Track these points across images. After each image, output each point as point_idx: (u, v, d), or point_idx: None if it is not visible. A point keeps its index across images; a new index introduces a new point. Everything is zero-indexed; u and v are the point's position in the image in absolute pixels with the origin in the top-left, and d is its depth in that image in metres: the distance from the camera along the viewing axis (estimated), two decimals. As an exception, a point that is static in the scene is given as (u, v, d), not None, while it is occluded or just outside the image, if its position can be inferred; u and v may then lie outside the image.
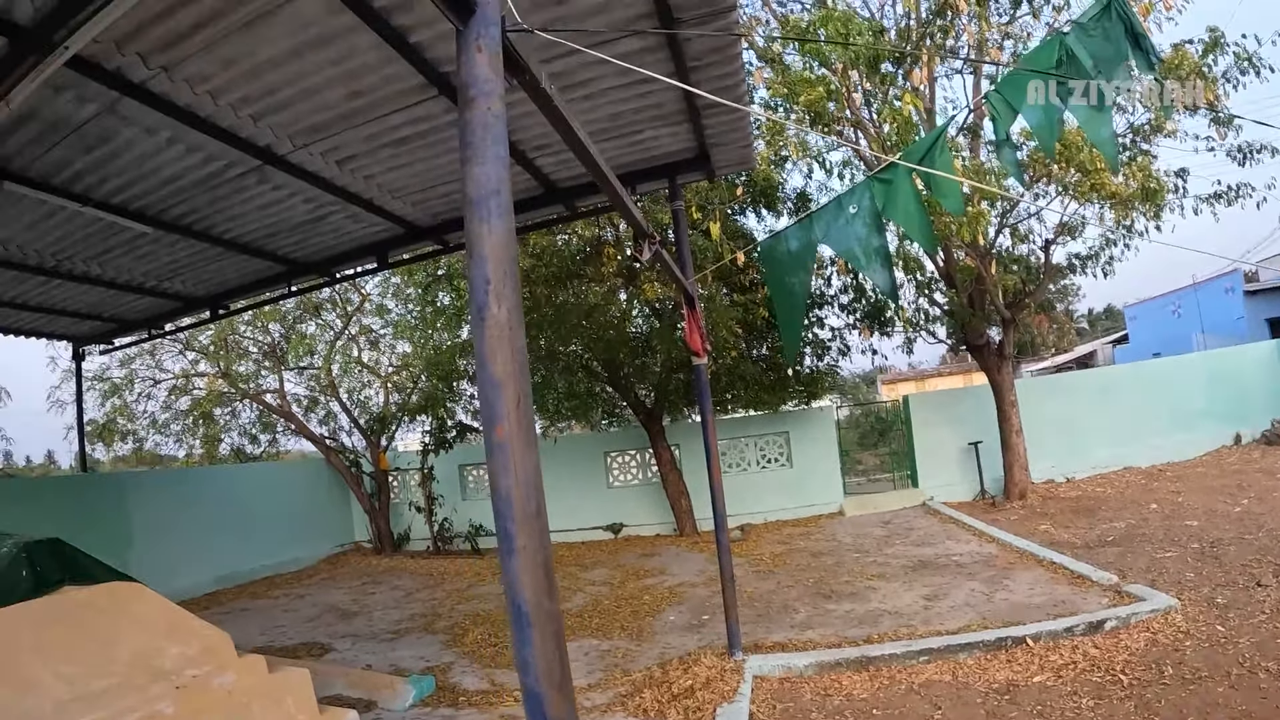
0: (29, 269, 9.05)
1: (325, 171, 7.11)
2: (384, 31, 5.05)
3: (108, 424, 16.27)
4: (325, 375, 16.52)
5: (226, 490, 14.87)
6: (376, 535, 16.20)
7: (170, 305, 11.19)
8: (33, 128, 5.94)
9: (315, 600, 11.96)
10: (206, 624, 4.70)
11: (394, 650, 8.63)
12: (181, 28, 4.97)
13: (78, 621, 4.03)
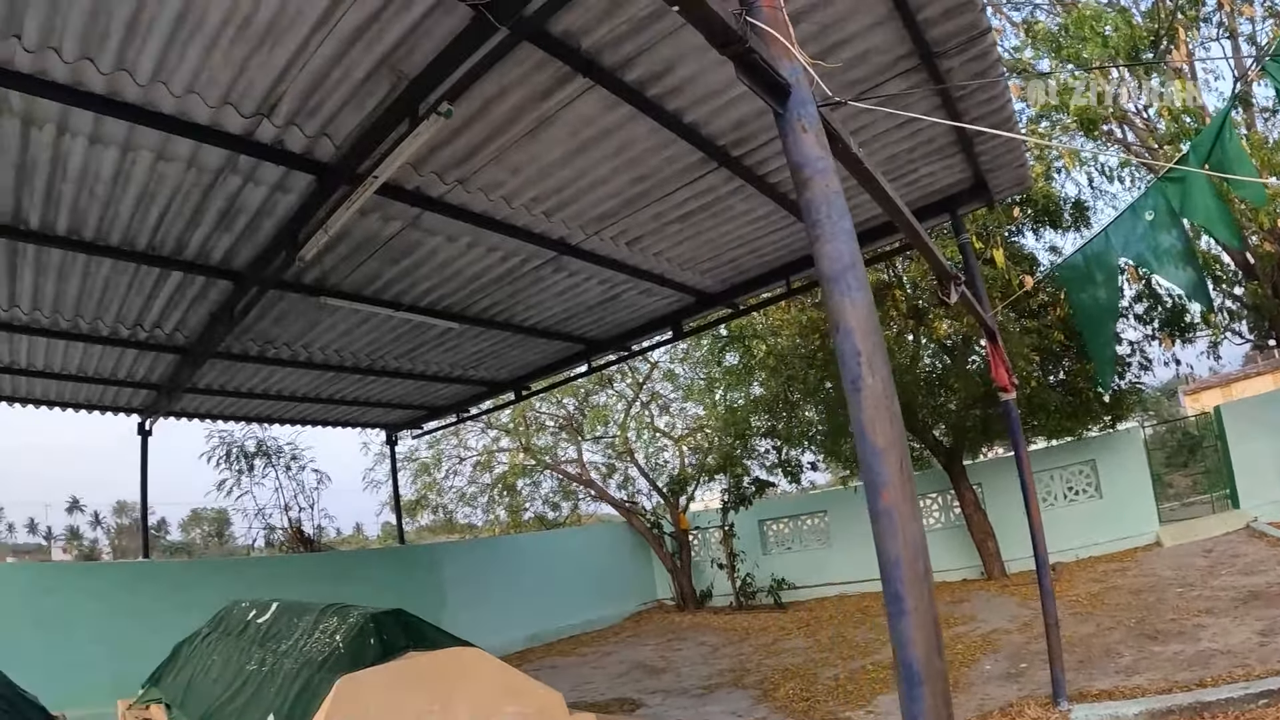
0: (346, 369, 10.31)
1: (616, 254, 7.57)
2: (660, 117, 5.37)
3: (419, 499, 18.01)
4: (622, 442, 17.27)
5: (532, 555, 15.79)
6: (679, 593, 16.53)
7: (475, 390, 12.31)
8: (344, 248, 6.83)
9: (622, 657, 12.30)
10: (540, 684, 4.96)
11: (704, 705, 8.68)
12: (471, 145, 5.58)
13: (421, 684, 4.40)
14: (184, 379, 9.85)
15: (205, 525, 69.44)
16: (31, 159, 5.47)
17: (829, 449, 14.23)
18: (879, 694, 7.92)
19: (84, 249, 6.66)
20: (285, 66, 4.66)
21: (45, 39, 4.30)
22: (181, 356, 9.30)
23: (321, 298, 7.73)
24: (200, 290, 7.76)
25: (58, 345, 8.98)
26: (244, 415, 13.18)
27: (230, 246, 6.85)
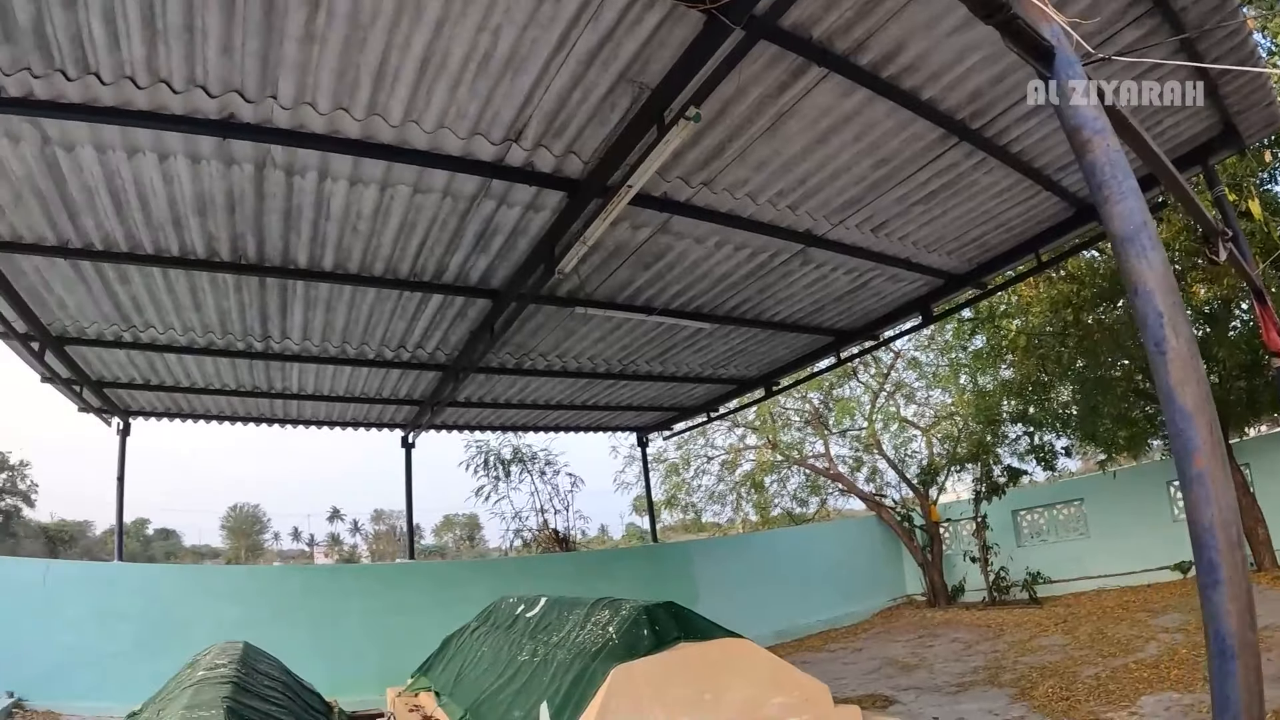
0: (599, 375, 10.77)
1: (863, 241, 7.50)
2: (896, 97, 5.29)
3: (670, 499, 18.42)
4: (869, 434, 16.93)
5: (782, 551, 15.78)
6: (930, 588, 16.07)
7: (725, 389, 12.47)
8: (596, 258, 7.15)
9: (872, 653, 12.13)
10: (806, 675, 5.00)
11: (959, 704, 8.46)
12: (714, 146, 5.70)
13: (692, 674, 4.53)
14: (445, 394, 10.57)
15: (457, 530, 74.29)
16: (296, 205, 6.14)
17: (1085, 431, 13.28)
18: (1143, 694, 7.48)
19: (350, 281, 7.37)
20: (529, 93, 4.96)
21: (300, 95, 4.83)
22: (443, 373, 10.04)
23: (576, 308, 8.12)
24: (460, 310, 8.36)
25: (326, 370, 9.95)
26: (500, 425, 14.00)
27: (487, 267, 7.35)
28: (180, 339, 8.85)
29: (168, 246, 6.74)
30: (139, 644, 10.19)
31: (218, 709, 3.93)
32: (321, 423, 12.78)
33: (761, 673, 4.81)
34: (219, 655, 6.13)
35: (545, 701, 4.53)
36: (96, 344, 8.82)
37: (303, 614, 11.29)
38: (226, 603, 11.09)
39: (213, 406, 11.76)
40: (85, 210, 6.16)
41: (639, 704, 4.27)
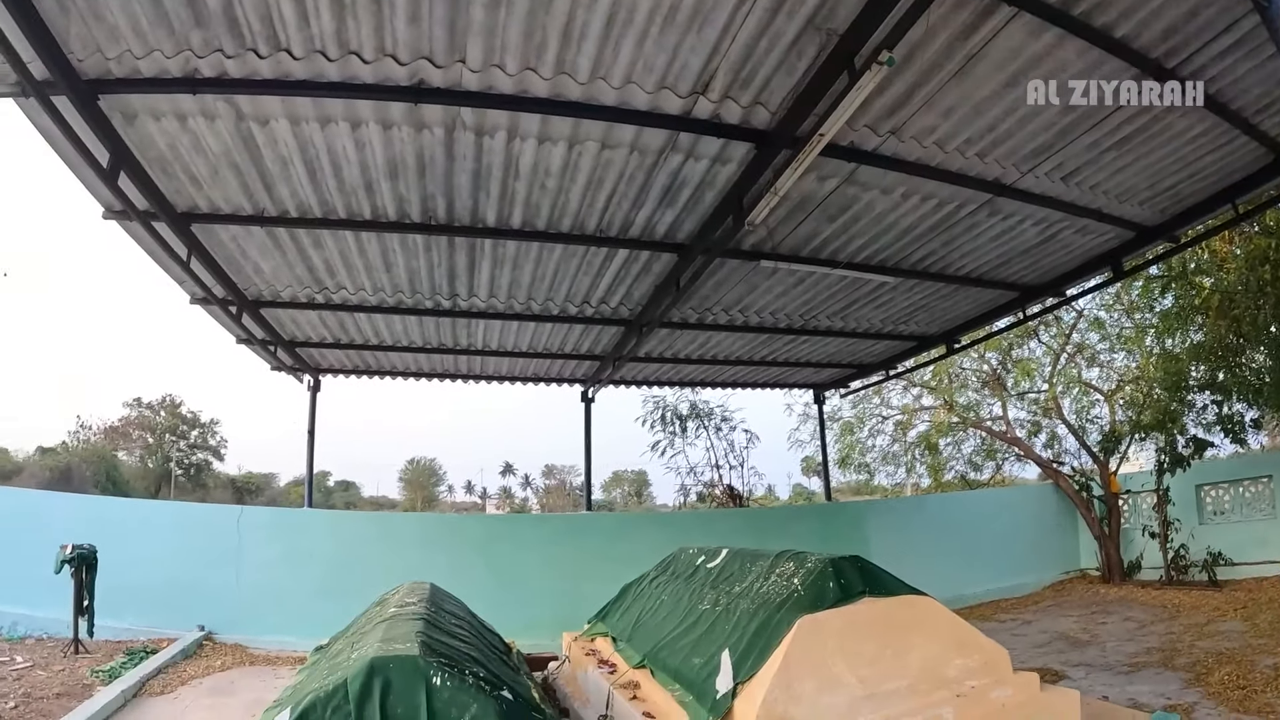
0: (779, 330, 10.68)
1: (1052, 190, 7.20)
2: (1088, 35, 5.08)
3: (844, 458, 18.17)
4: (1049, 398, 16.22)
5: (955, 515, 15.45)
6: (1105, 562, 15.29)
7: (905, 346, 12.21)
8: (782, 210, 7.07)
9: (1043, 626, 11.78)
10: (987, 639, 4.94)
11: (1130, 684, 8.19)
12: (901, 93, 5.57)
13: (876, 629, 4.54)
14: (626, 349, 10.76)
15: (625, 486, 75.47)
16: (485, 165, 6.35)
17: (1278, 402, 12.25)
18: None
19: (537, 238, 7.59)
20: (715, 44, 4.95)
21: (488, 58, 4.99)
22: (625, 328, 10.21)
23: (761, 261, 8.10)
24: (645, 265, 8.46)
25: (511, 326, 10.26)
26: (678, 381, 14.18)
27: (673, 220, 7.41)
28: (370, 299, 9.34)
29: (360, 210, 7.12)
30: (323, 585, 10.96)
31: (413, 642, 4.17)
32: (504, 378, 13.24)
33: (944, 633, 4.76)
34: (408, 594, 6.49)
35: (727, 649, 4.60)
36: (290, 306, 9.42)
37: (481, 560, 11.86)
38: (408, 547, 11.77)
39: (399, 363, 12.39)
40: (280, 180, 6.58)
41: (823, 655, 4.29)
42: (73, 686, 8.24)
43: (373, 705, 3.65)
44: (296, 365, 12.02)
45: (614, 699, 5.57)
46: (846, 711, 4.19)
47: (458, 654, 4.47)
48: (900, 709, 4.31)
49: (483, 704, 3.82)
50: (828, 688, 4.21)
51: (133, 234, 7.44)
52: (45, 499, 13.62)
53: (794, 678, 4.15)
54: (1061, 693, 4.96)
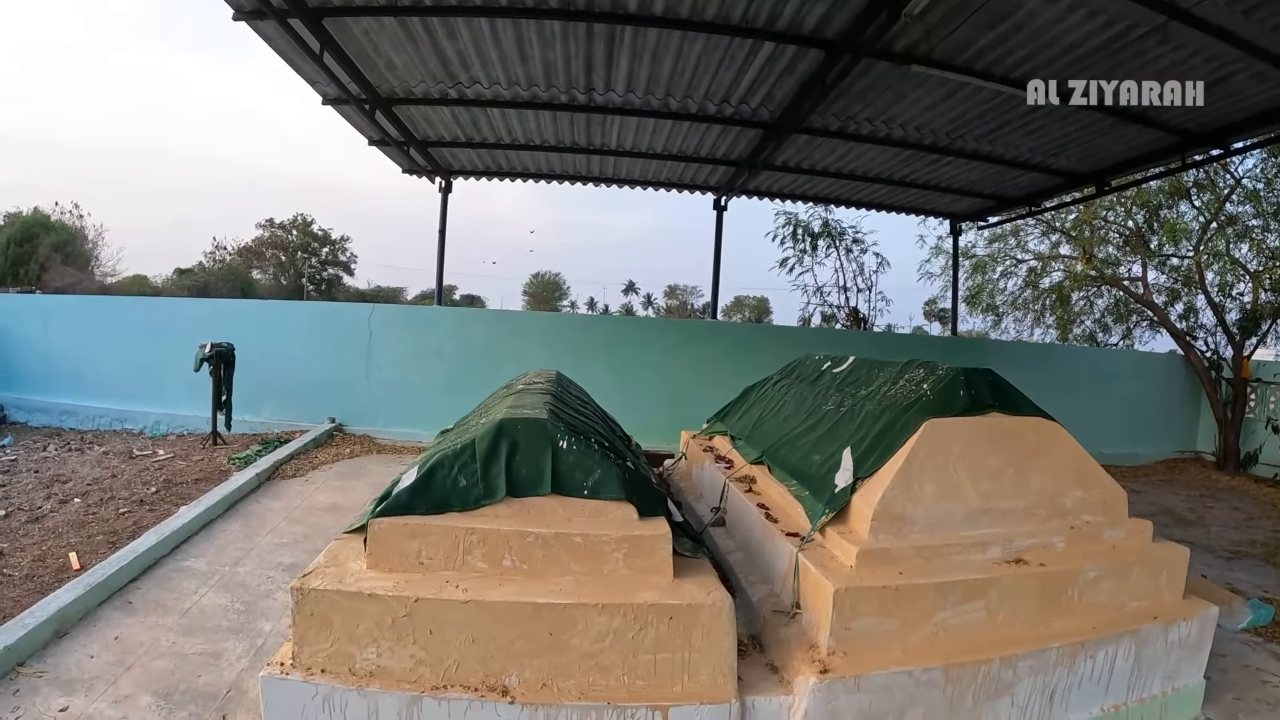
0: (924, 148, 10.13)
1: (1231, 24, 6.53)
2: None
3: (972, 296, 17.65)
4: (1194, 266, 15.32)
5: (1077, 370, 15.02)
6: (1222, 448, 14.82)
7: (1052, 181, 11.52)
8: (939, 10, 6.50)
9: (1151, 499, 11.60)
10: (1109, 477, 4.91)
11: (1230, 570, 8.11)
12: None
13: (1001, 444, 4.54)
14: (763, 155, 10.46)
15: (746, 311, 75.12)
16: None
17: None
18: None
19: (679, 26, 7.22)
20: None
21: None
22: (764, 131, 9.81)
23: (912, 66, 7.58)
24: (790, 62, 8.01)
25: (646, 124, 10.00)
26: (814, 195, 13.73)
27: (823, 14, 6.97)
28: (504, 93, 9.21)
29: (496, -3, 6.84)
30: (449, 380, 11.47)
31: (541, 409, 4.35)
32: (636, 181, 13.08)
33: (1068, 462, 4.72)
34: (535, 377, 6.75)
35: (849, 447, 4.66)
36: (422, 102, 9.38)
37: (604, 359, 12.17)
38: (534, 345, 12.12)
39: (530, 164, 12.33)
40: (412, -35, 6.26)
41: (946, 461, 4.31)
42: (210, 473, 8.95)
43: (499, 465, 3.84)
44: (429, 166, 12.15)
45: (729, 492, 5.75)
46: (962, 521, 4.24)
47: (585, 425, 4.64)
48: (1015, 529, 4.34)
49: (606, 469, 3.96)
50: (947, 494, 4.24)
51: (264, 34, 7.43)
52: (184, 304, 14.42)
53: (915, 479, 4.19)
54: (1173, 547, 4.90)
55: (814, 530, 4.33)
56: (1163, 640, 4.51)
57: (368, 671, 3.34)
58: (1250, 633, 6.30)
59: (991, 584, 4.02)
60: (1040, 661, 4.03)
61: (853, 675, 3.61)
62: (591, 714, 3.36)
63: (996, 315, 18.18)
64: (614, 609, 3.43)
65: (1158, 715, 4.64)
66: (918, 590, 3.85)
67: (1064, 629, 4.20)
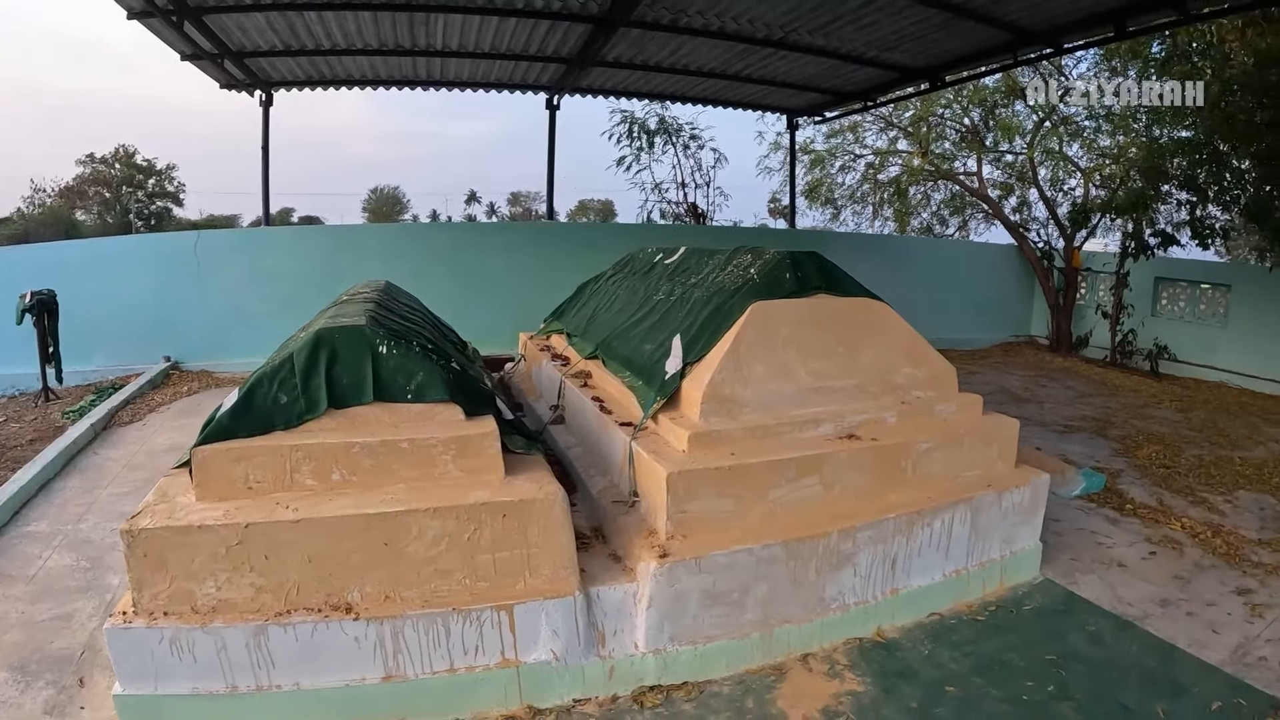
0: (757, 41, 9.94)
1: None
2: None
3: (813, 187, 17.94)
4: (1027, 162, 15.97)
5: (916, 261, 15.56)
6: (1055, 333, 15.73)
7: (887, 76, 11.59)
8: None
9: (988, 380, 12.23)
10: (939, 355, 5.05)
11: (1064, 443, 8.62)
12: None
13: (829, 324, 4.59)
14: (594, 51, 10.14)
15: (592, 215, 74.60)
16: None
17: (1254, 213, 12.12)
18: (1241, 488, 7.41)
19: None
20: None
21: None
22: (594, 26, 9.45)
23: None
24: (618, -52, 7.64)
25: (472, 21, 9.47)
26: (648, 92, 13.51)
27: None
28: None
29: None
30: (289, 302, 10.87)
31: (361, 316, 4.12)
32: (466, 83, 12.51)
33: (897, 341, 4.81)
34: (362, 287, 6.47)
35: (679, 334, 4.61)
36: (233, 9, 8.63)
37: (447, 268, 11.85)
38: (374, 259, 11.62)
39: (354, 70, 11.63)
40: None
41: (774, 342, 4.32)
42: (45, 431, 8.35)
43: (319, 377, 3.67)
44: (247, 80, 11.32)
45: (565, 389, 5.67)
46: (794, 400, 4.27)
47: (409, 330, 4.47)
48: (846, 406, 4.42)
49: (429, 371, 3.83)
50: (777, 375, 4.26)
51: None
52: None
53: (743, 361, 4.19)
54: (1003, 419, 5.10)
55: (646, 418, 4.31)
56: (997, 507, 4.71)
57: (210, 607, 3.20)
58: (1084, 499, 6.73)
59: (825, 459, 4.09)
60: (879, 532, 4.15)
61: (693, 557, 3.65)
62: (437, 621, 3.31)
63: (835, 209, 18.56)
64: (446, 512, 3.34)
65: (998, 578, 4.87)
66: (751, 469, 3.88)
67: (900, 500, 4.34)
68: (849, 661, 4.00)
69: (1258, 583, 5.27)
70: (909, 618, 4.43)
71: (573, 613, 3.49)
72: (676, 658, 3.73)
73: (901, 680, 3.87)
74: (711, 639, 3.80)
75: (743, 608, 3.83)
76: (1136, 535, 6.04)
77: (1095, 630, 4.51)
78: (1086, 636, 4.43)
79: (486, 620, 3.37)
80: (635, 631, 3.69)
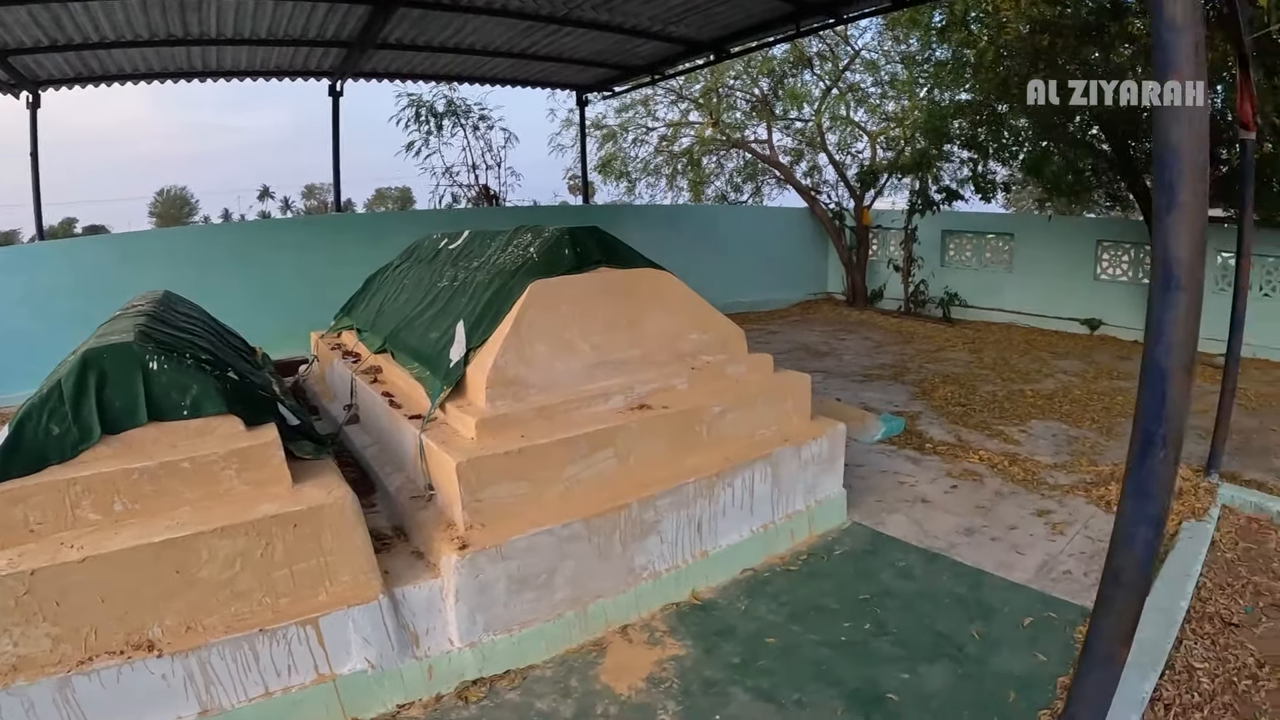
0: (541, 18, 9.87)
1: None
2: None
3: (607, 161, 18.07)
4: (815, 128, 16.62)
5: (712, 228, 15.80)
6: (851, 288, 16.49)
7: (673, 49, 11.69)
8: None
9: (788, 338, 12.69)
10: (725, 318, 5.12)
11: (864, 391, 9.02)
12: None
13: (612, 297, 4.58)
14: (375, 32, 9.78)
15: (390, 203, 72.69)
16: None
17: (1031, 166, 13.13)
18: (1033, 418, 8.04)
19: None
20: None
21: None
22: (373, 7, 9.13)
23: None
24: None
25: (247, 6, 8.97)
26: (434, 74, 13.19)
27: None
28: (81, -19, 7.82)
29: None
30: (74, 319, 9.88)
31: (129, 333, 3.85)
32: (245, 72, 11.81)
33: (682, 308, 4.86)
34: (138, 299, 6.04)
35: (462, 319, 4.54)
36: None
37: (233, 271, 11.15)
38: (158, 267, 10.77)
39: (126, 63, 10.75)
40: None
41: (556, 319, 4.29)
42: None
43: (89, 402, 3.37)
44: (10, 80, 10.34)
45: (357, 386, 5.49)
46: (581, 376, 4.26)
47: (181, 342, 4.19)
48: (635, 377, 4.43)
49: (203, 384, 3.59)
50: (561, 353, 4.24)
51: None
52: None
53: (525, 341, 4.14)
54: (795, 375, 5.24)
55: (434, 408, 4.21)
56: (796, 460, 4.85)
57: (10, 666, 2.88)
58: (886, 443, 7.05)
59: (617, 432, 4.10)
60: (680, 497, 4.20)
61: (494, 545, 3.58)
62: (244, 645, 3.12)
63: (630, 182, 18.79)
64: (235, 530, 3.14)
65: (806, 528, 5.03)
66: (542, 450, 3.84)
67: (699, 464, 4.40)
68: (668, 627, 4.05)
69: (1056, 503, 5.67)
70: (723, 577, 4.51)
71: (380, 617, 3.38)
72: (494, 648, 3.67)
73: (721, 639, 3.94)
74: (526, 624, 3.76)
75: (552, 589, 3.81)
76: (938, 472, 6.38)
77: (905, 565, 4.73)
78: (897, 572, 4.63)
79: (294, 637, 3.21)
80: (448, 627, 3.61)
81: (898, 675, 3.63)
